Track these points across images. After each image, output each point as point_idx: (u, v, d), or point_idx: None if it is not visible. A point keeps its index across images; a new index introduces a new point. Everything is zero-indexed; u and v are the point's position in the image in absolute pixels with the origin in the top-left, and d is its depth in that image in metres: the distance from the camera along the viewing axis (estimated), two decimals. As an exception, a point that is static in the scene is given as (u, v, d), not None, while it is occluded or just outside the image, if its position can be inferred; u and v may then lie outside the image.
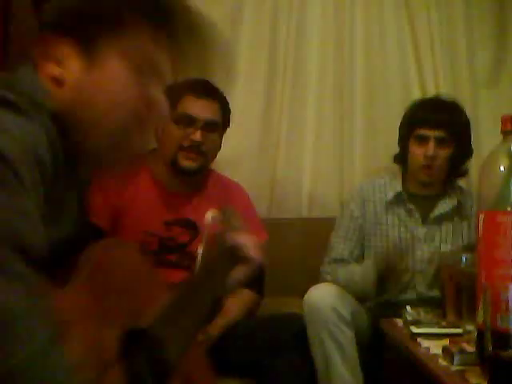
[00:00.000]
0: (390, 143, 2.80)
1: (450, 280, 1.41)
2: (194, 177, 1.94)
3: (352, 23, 2.77)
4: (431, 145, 2.06)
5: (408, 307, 1.47)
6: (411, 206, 2.16)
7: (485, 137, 2.71)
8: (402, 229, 2.14)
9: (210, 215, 1.27)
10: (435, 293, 2.03)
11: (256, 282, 1.83)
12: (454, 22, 2.79)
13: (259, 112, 2.74)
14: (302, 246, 2.57)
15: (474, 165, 2.70)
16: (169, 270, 1.84)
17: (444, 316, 1.43)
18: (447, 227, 2.15)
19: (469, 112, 2.74)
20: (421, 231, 2.14)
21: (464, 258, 1.38)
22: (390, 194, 2.16)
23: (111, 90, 0.84)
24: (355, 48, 2.78)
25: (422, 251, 2.13)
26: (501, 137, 1.05)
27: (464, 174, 2.23)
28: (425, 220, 2.15)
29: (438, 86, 2.77)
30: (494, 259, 0.98)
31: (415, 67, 2.82)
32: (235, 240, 1.16)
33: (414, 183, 2.19)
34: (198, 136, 1.85)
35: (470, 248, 2.00)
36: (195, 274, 1.12)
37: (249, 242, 1.16)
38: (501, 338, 0.86)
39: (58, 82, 0.84)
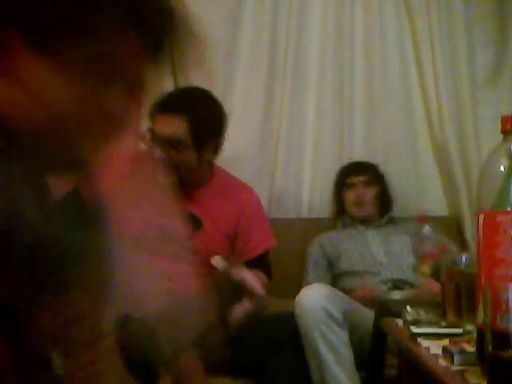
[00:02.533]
0: (390, 143, 2.81)
1: (450, 280, 1.41)
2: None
3: (352, 23, 2.78)
4: (359, 186, 2.57)
5: (408, 307, 1.47)
6: (354, 224, 2.57)
7: (485, 137, 2.72)
8: (355, 239, 2.52)
9: (215, 261, 1.29)
10: (406, 275, 2.35)
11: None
12: (453, 21, 2.79)
13: (259, 112, 2.74)
14: (302, 246, 2.57)
15: (474, 165, 2.71)
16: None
17: (444, 316, 1.43)
18: (391, 229, 2.55)
19: (469, 112, 2.76)
20: (370, 234, 2.53)
21: (464, 258, 1.38)
22: (338, 225, 2.63)
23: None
24: (355, 48, 2.78)
25: (377, 245, 2.48)
26: (501, 137, 1.05)
27: (390, 208, 2.67)
28: (369, 227, 2.56)
29: (437, 86, 2.77)
30: (494, 259, 0.98)
31: (415, 67, 2.83)
32: (240, 276, 1.17)
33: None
34: (157, 153, 1.85)
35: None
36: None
37: (253, 279, 1.17)
38: (501, 338, 0.86)
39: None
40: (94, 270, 0.76)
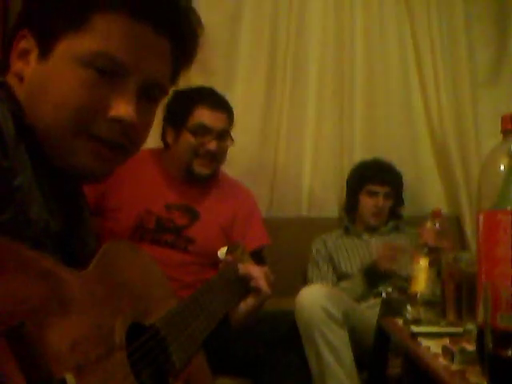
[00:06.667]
0: (390, 143, 2.82)
1: (450, 279, 1.41)
2: (207, 181, 2.02)
3: (352, 23, 2.78)
4: (381, 198, 2.52)
5: (408, 306, 1.48)
6: (358, 231, 2.57)
7: (485, 136, 2.72)
8: (359, 247, 2.52)
9: (222, 251, 1.30)
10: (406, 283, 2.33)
11: None
12: (454, 21, 2.80)
13: (259, 111, 2.75)
14: (302, 245, 2.57)
15: (474, 165, 2.71)
16: (164, 249, 1.90)
17: (444, 315, 1.43)
18: (395, 236, 2.53)
19: (469, 111, 2.76)
20: (373, 242, 2.52)
21: (464, 257, 1.39)
22: (340, 231, 2.59)
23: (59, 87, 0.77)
24: (355, 47, 2.78)
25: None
26: (501, 136, 1.05)
27: (399, 217, 2.64)
28: (372, 236, 2.55)
29: (438, 85, 2.77)
30: (494, 258, 0.98)
31: (415, 67, 2.83)
32: (246, 271, 1.17)
33: (361, 226, 2.59)
34: (213, 145, 1.95)
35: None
36: (211, 281, 1.12)
37: (259, 274, 1.17)
38: (501, 337, 0.86)
39: (20, 77, 0.79)
40: None
